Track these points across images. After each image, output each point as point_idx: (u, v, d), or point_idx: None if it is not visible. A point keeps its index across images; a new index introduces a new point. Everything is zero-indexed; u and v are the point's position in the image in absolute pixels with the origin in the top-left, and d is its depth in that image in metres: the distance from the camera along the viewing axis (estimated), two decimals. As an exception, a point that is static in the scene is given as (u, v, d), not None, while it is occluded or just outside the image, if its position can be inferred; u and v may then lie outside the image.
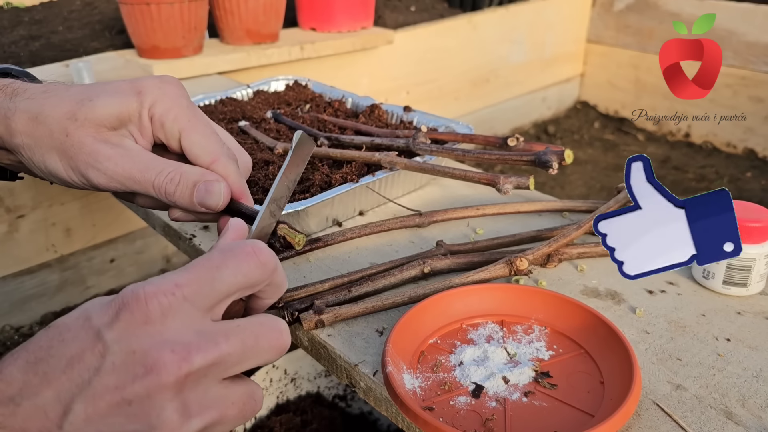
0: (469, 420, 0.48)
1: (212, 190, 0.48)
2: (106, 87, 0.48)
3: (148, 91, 0.47)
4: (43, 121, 0.47)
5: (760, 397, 0.50)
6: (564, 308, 0.57)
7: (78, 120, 0.46)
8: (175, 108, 0.48)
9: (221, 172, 0.49)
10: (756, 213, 0.61)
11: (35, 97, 0.48)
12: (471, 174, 0.70)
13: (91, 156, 0.46)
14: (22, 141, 0.47)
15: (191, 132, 0.48)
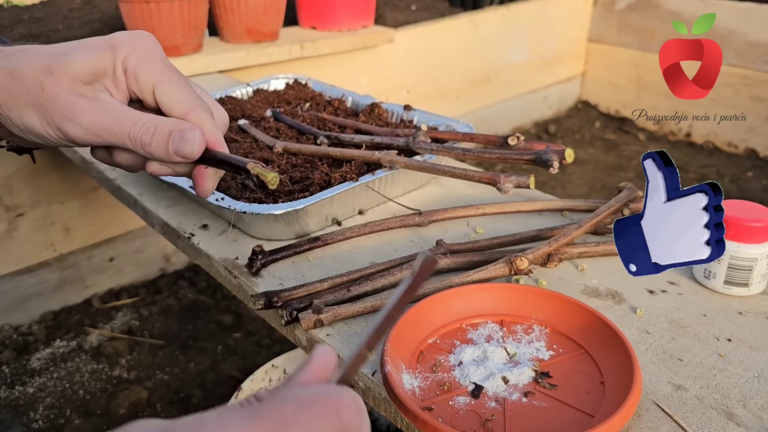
0: (468, 420, 0.47)
1: (187, 138, 0.47)
2: (81, 43, 0.48)
3: (122, 45, 0.47)
4: (18, 77, 0.46)
5: (761, 397, 0.49)
6: (564, 308, 0.57)
7: (53, 74, 0.46)
8: (148, 61, 0.48)
9: (196, 122, 0.49)
10: (757, 213, 0.61)
11: (11, 54, 0.47)
12: (471, 173, 0.70)
13: (66, 108, 0.46)
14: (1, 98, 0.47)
15: (164, 83, 0.48)
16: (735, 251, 0.60)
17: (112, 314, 1.53)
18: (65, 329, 1.47)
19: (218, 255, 0.72)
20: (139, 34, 0.49)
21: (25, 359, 1.38)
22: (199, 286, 1.65)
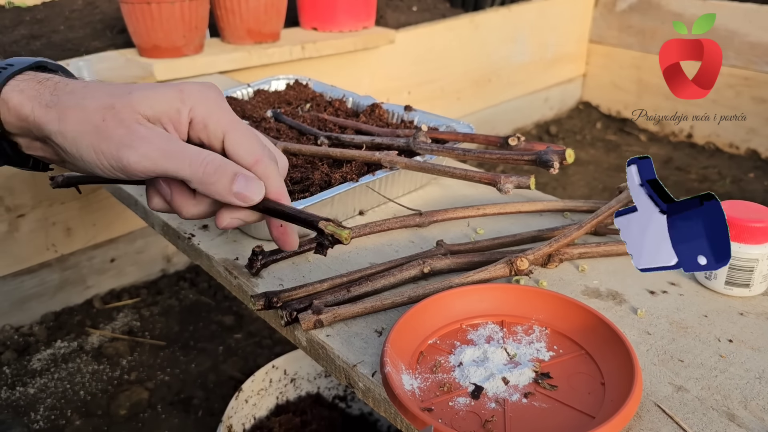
0: (468, 421, 0.47)
1: (251, 183, 0.48)
2: (147, 84, 0.49)
3: (191, 94, 0.48)
4: (81, 110, 0.47)
5: (762, 398, 0.49)
6: (564, 309, 0.57)
7: (115, 107, 0.46)
8: (217, 111, 0.49)
9: (262, 173, 0.49)
10: (758, 213, 0.61)
11: (76, 91, 0.48)
12: (471, 173, 0.70)
13: (126, 135, 0.46)
14: (57, 128, 0.47)
15: (234, 133, 0.48)
16: (736, 252, 0.60)
17: (113, 315, 1.54)
18: (66, 330, 1.47)
19: (218, 255, 0.72)
20: (206, 84, 0.50)
21: (26, 360, 1.38)
22: (200, 286, 1.65)
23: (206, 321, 1.53)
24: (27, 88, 0.49)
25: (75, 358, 1.40)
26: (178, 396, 1.31)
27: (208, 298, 1.61)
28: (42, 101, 0.48)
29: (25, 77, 0.49)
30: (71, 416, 1.25)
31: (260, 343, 1.46)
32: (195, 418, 1.26)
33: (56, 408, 1.27)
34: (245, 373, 1.31)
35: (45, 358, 1.39)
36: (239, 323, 1.52)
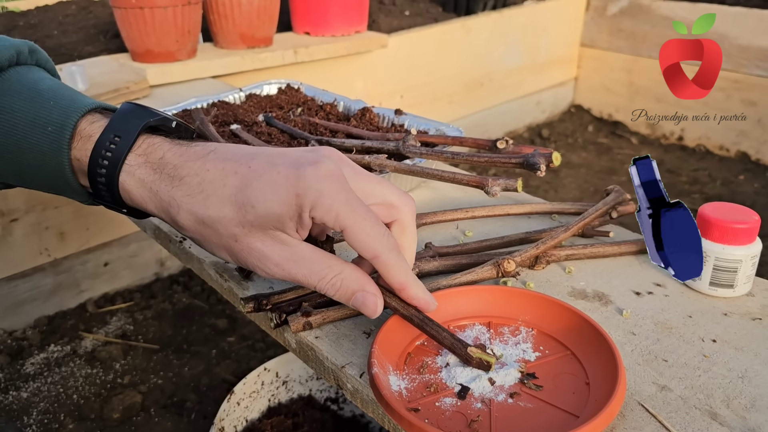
0: (454, 421, 0.48)
1: (367, 303, 0.51)
2: (264, 185, 0.48)
3: (306, 194, 0.47)
4: (210, 225, 0.49)
5: (744, 397, 0.50)
6: (551, 310, 0.57)
7: (245, 227, 0.49)
8: (335, 208, 0.48)
9: (381, 268, 0.50)
10: (742, 214, 0.62)
11: (195, 194, 0.49)
12: (459, 176, 0.70)
13: (260, 261, 0.50)
14: (191, 236, 0.51)
15: (352, 230, 0.49)
16: (720, 253, 0.61)
17: (107, 319, 1.54)
18: (60, 334, 1.48)
19: (209, 259, 0.72)
20: (324, 174, 0.48)
21: (19, 364, 1.39)
22: (193, 290, 1.65)
23: (199, 324, 1.53)
24: (144, 178, 0.50)
25: (68, 362, 1.40)
26: (171, 399, 1.31)
27: (201, 301, 1.61)
28: (163, 203, 0.50)
29: (137, 159, 0.50)
30: (64, 420, 1.25)
31: (253, 347, 1.46)
32: (188, 422, 1.26)
33: (49, 412, 1.27)
34: (238, 376, 1.31)
35: (38, 362, 1.39)
36: (232, 326, 1.53)
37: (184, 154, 0.51)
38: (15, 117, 0.51)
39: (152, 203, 0.50)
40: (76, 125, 0.51)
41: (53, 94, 0.53)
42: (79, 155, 0.51)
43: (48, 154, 0.51)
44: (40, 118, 0.51)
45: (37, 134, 0.51)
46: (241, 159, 0.50)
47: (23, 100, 0.52)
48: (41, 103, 0.52)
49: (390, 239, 0.50)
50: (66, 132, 0.51)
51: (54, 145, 0.51)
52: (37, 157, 0.52)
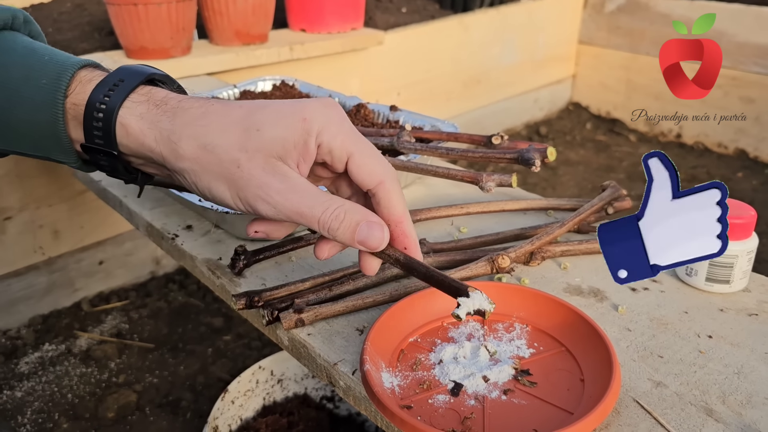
0: (447, 418, 0.47)
1: (373, 232, 0.49)
2: (269, 112, 0.48)
3: (314, 119, 0.48)
4: (212, 150, 0.48)
5: (740, 393, 0.50)
6: (545, 306, 0.57)
7: (248, 152, 0.47)
8: (341, 134, 0.48)
9: (384, 195, 0.50)
10: (738, 210, 0.61)
11: (198, 121, 0.48)
12: (454, 172, 0.70)
13: (261, 189, 0.47)
14: (189, 166, 0.49)
15: (358, 156, 0.49)
16: (716, 248, 0.60)
17: (102, 318, 1.53)
18: (54, 333, 1.47)
19: (201, 256, 0.71)
20: (326, 103, 0.49)
21: (13, 363, 1.38)
22: (189, 288, 1.65)
23: (195, 323, 1.52)
24: (145, 113, 0.49)
25: (63, 361, 1.39)
26: (166, 398, 1.31)
27: (197, 300, 1.60)
28: (163, 132, 0.48)
29: (139, 98, 0.49)
30: (59, 419, 1.24)
31: (249, 345, 1.45)
32: (183, 421, 1.25)
33: (44, 411, 1.26)
34: (234, 375, 1.30)
35: (32, 362, 1.39)
36: (228, 325, 1.52)
37: (187, 97, 0.51)
38: (8, 72, 0.51)
39: (151, 134, 0.49)
40: (75, 74, 0.50)
41: (48, 52, 0.52)
42: (77, 99, 0.50)
43: (41, 107, 0.50)
44: (35, 72, 0.50)
45: (31, 87, 0.50)
46: (243, 102, 0.50)
47: (17, 55, 0.51)
48: (36, 59, 0.51)
49: (393, 169, 0.50)
50: (63, 82, 0.50)
51: (49, 96, 0.50)
52: (29, 112, 0.50)
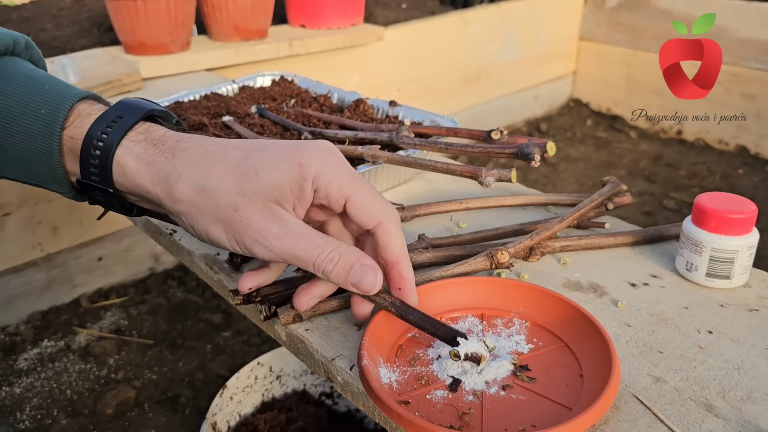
0: (445, 414, 0.47)
1: (366, 276, 0.49)
2: (267, 156, 0.49)
3: (310, 164, 0.48)
4: (210, 194, 0.48)
5: (740, 389, 0.49)
6: (544, 301, 0.56)
7: (246, 195, 0.48)
8: (337, 178, 0.49)
9: (383, 236, 0.51)
10: (739, 205, 0.61)
11: (196, 164, 0.48)
12: (453, 167, 0.69)
13: (259, 234, 0.48)
14: (186, 209, 0.49)
15: (356, 198, 0.49)
16: (717, 243, 0.60)
17: (101, 314, 1.53)
18: (53, 329, 1.47)
19: (199, 251, 0.71)
20: (324, 148, 0.49)
21: (12, 359, 1.38)
22: (188, 285, 1.65)
23: (194, 319, 1.52)
24: (143, 153, 0.49)
25: (62, 358, 1.39)
26: (165, 395, 1.30)
27: (196, 296, 1.60)
28: (161, 174, 0.49)
29: (137, 136, 0.50)
30: (57, 415, 1.24)
31: (248, 341, 1.45)
32: (182, 417, 1.25)
33: (42, 407, 1.26)
34: (233, 371, 1.30)
35: (31, 358, 1.38)
36: (228, 321, 1.52)
37: (185, 136, 0.51)
38: (7, 99, 0.51)
39: (148, 175, 0.49)
40: (74, 107, 0.51)
41: (48, 81, 0.52)
42: (74, 133, 0.50)
43: (38, 137, 0.50)
44: (34, 101, 0.51)
45: (30, 117, 0.50)
46: (240, 143, 0.50)
47: (17, 83, 0.51)
48: (36, 87, 0.51)
49: (393, 209, 0.51)
50: (61, 113, 0.50)
51: (46, 127, 0.50)
52: (26, 141, 0.51)
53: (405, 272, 0.51)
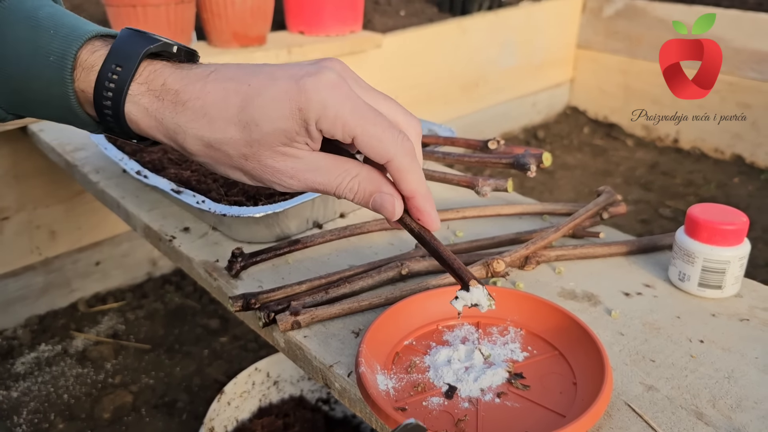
0: (441, 420, 0.48)
1: (385, 204, 0.49)
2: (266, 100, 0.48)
3: (309, 107, 0.47)
4: (219, 147, 0.49)
5: (730, 397, 0.50)
6: (539, 310, 0.57)
7: (253, 146, 0.48)
8: (340, 118, 0.47)
9: (394, 173, 0.49)
10: (731, 216, 0.62)
11: (198, 119, 0.49)
12: (450, 176, 0.70)
13: (274, 176, 0.49)
14: (202, 160, 0.51)
15: (362, 137, 0.47)
16: (709, 254, 0.61)
17: (98, 318, 1.53)
18: (50, 333, 1.47)
19: (199, 257, 0.72)
20: (327, 82, 0.47)
21: (9, 363, 1.38)
22: (185, 290, 1.65)
23: (191, 324, 1.53)
24: (149, 106, 0.49)
25: (59, 362, 1.39)
26: (162, 399, 1.31)
27: (193, 301, 1.61)
28: (169, 131, 0.49)
29: (140, 88, 0.49)
30: (54, 420, 1.24)
31: (245, 347, 1.46)
32: (179, 422, 1.26)
33: (39, 411, 1.26)
34: (230, 376, 1.31)
35: (29, 362, 1.39)
36: (224, 326, 1.52)
37: (185, 77, 0.50)
38: (17, 47, 0.51)
39: (159, 132, 0.50)
40: (77, 56, 0.50)
41: (53, 22, 0.51)
42: (83, 86, 0.50)
43: (53, 84, 0.50)
44: (41, 48, 0.50)
45: (40, 64, 0.50)
46: (241, 78, 0.49)
47: (24, 29, 0.51)
48: (41, 33, 0.51)
49: (405, 143, 0.49)
50: (67, 62, 0.50)
51: (58, 74, 0.50)
52: (43, 87, 0.51)
53: (421, 205, 0.50)
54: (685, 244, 0.62)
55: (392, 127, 0.48)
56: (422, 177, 0.49)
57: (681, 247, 0.63)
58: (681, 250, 0.63)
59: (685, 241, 0.62)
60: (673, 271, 0.65)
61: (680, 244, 0.63)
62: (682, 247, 0.63)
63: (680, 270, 0.63)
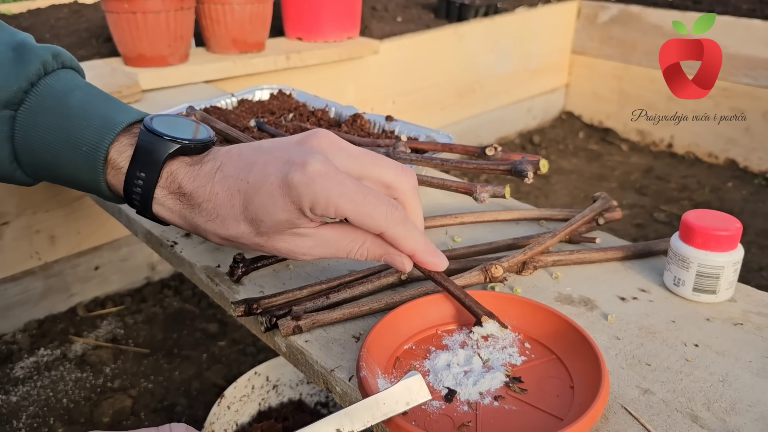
0: (441, 424, 0.49)
1: (395, 264, 0.54)
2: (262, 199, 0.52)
3: (302, 200, 0.50)
4: (235, 240, 0.55)
5: (725, 401, 0.51)
6: (537, 315, 0.58)
7: (263, 236, 0.54)
8: (331, 203, 0.50)
9: (391, 242, 0.53)
10: (725, 222, 0.63)
11: (213, 220, 0.55)
12: (449, 183, 0.71)
13: (289, 254, 0.55)
14: (225, 245, 0.58)
15: (353, 217, 0.51)
16: (703, 259, 0.62)
17: (97, 323, 1.54)
18: (50, 338, 1.47)
19: (200, 263, 0.73)
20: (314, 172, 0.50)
21: (8, 368, 1.38)
22: (184, 294, 1.66)
23: (190, 329, 1.53)
24: (172, 206, 0.56)
25: (58, 366, 1.40)
26: (161, 403, 1.31)
27: (192, 305, 1.61)
28: (192, 226, 0.56)
29: (162, 191, 0.56)
30: (54, 424, 1.25)
31: (244, 351, 1.47)
32: (178, 426, 1.26)
33: (39, 416, 1.27)
34: (229, 380, 1.31)
35: (28, 366, 1.39)
36: (223, 331, 1.53)
37: (196, 178, 0.55)
38: (50, 135, 0.56)
39: (184, 225, 0.57)
40: (108, 153, 0.56)
41: (83, 112, 0.56)
42: (114, 182, 0.57)
43: (84, 171, 0.56)
44: (73, 138, 0.56)
45: (72, 152, 0.56)
46: (240, 174, 0.53)
47: (56, 117, 0.56)
48: (73, 122, 0.56)
49: (394, 213, 0.52)
50: (100, 155, 0.55)
51: (90, 164, 0.56)
52: (74, 171, 0.57)
53: (423, 259, 0.54)
54: (680, 249, 0.63)
55: (380, 201, 0.51)
56: (417, 235, 0.53)
57: (676, 253, 0.64)
58: (676, 255, 0.64)
59: (679, 246, 0.64)
60: (668, 276, 0.66)
61: (675, 250, 0.64)
62: (677, 252, 0.64)
63: (675, 275, 0.64)
